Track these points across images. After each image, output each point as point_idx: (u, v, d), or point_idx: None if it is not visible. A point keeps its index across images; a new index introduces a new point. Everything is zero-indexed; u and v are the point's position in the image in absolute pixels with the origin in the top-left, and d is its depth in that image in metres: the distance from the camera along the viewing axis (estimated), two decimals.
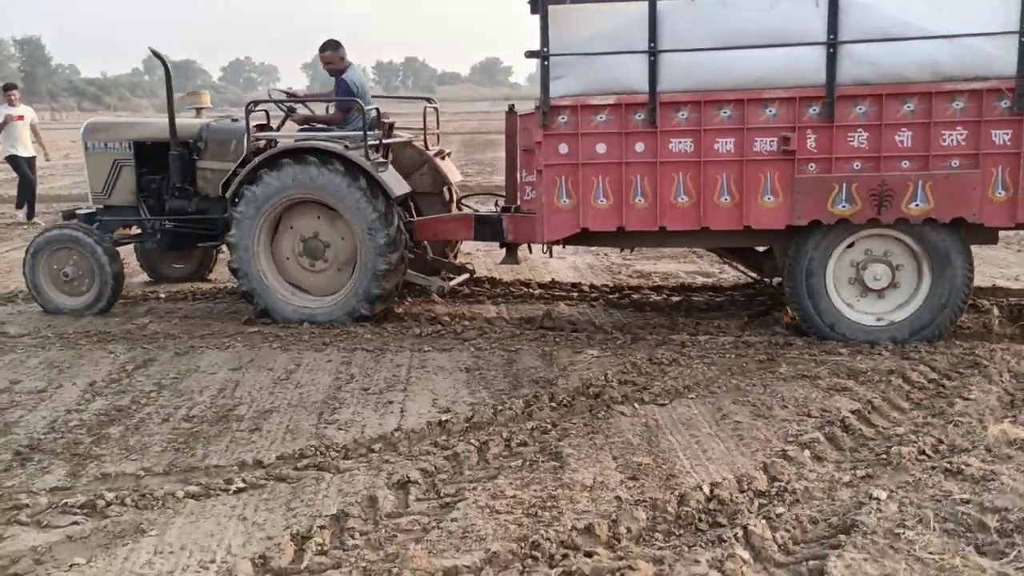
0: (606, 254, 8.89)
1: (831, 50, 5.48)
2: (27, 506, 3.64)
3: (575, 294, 7.41)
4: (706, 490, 3.58)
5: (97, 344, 6.12)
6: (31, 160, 12.32)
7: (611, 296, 7.30)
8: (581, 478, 3.78)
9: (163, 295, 7.70)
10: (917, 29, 5.36)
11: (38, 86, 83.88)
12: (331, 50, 7.06)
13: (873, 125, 5.52)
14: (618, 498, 3.57)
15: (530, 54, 5.99)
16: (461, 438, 4.29)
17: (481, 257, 9.07)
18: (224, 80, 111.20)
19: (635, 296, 7.23)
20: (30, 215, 12.45)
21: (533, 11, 6.09)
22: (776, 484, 3.63)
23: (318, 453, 4.14)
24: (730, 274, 7.94)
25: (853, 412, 4.41)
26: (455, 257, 7.88)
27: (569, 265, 8.52)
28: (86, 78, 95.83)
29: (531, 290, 7.56)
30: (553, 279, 7.85)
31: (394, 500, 3.64)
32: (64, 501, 3.67)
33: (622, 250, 7.34)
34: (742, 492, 3.57)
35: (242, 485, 3.80)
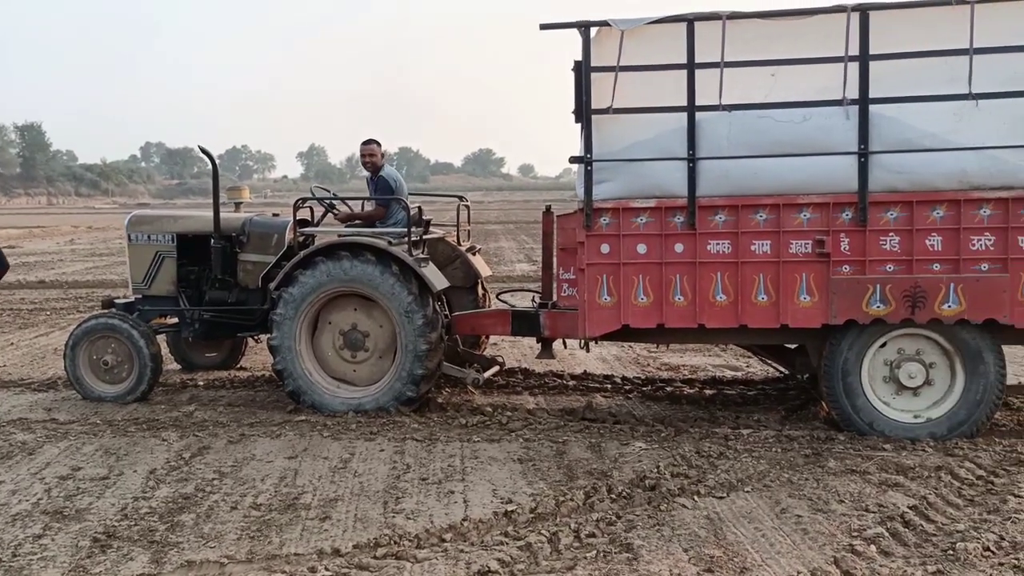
0: (631, 346, 9.09)
1: (862, 159, 5.82)
2: None
3: (608, 386, 7.57)
4: None
5: (148, 431, 6.21)
6: None
7: (644, 388, 7.48)
8: (657, 570, 3.90)
9: (201, 383, 7.82)
10: (944, 141, 5.68)
11: (36, 171, 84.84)
12: (375, 145, 7.42)
13: (904, 230, 5.80)
14: None
15: (574, 159, 6.31)
16: (530, 528, 4.40)
17: (508, 348, 9.25)
18: (220, 167, 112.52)
19: (668, 388, 7.40)
20: None
21: (577, 119, 6.45)
22: None
23: (392, 542, 4.25)
24: (757, 368, 8.15)
25: (910, 508, 4.55)
26: (484, 349, 8.07)
27: (597, 357, 8.70)
28: (84, 164, 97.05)
29: (565, 381, 7.73)
30: (585, 371, 8.03)
31: None
32: None
33: (657, 345, 7.55)
34: None
35: (327, 574, 3.88)
